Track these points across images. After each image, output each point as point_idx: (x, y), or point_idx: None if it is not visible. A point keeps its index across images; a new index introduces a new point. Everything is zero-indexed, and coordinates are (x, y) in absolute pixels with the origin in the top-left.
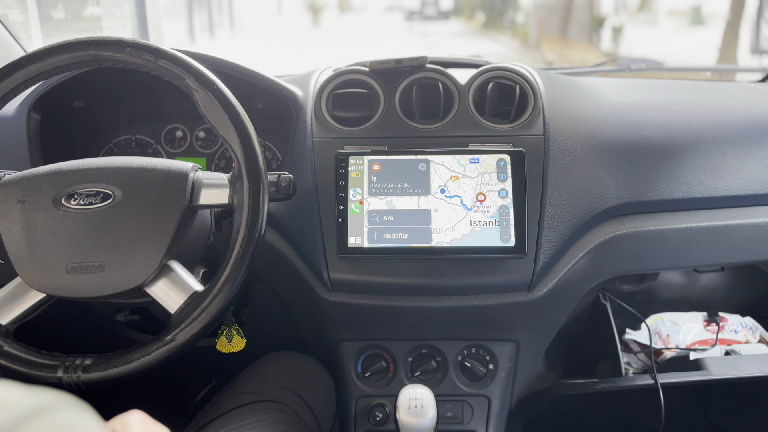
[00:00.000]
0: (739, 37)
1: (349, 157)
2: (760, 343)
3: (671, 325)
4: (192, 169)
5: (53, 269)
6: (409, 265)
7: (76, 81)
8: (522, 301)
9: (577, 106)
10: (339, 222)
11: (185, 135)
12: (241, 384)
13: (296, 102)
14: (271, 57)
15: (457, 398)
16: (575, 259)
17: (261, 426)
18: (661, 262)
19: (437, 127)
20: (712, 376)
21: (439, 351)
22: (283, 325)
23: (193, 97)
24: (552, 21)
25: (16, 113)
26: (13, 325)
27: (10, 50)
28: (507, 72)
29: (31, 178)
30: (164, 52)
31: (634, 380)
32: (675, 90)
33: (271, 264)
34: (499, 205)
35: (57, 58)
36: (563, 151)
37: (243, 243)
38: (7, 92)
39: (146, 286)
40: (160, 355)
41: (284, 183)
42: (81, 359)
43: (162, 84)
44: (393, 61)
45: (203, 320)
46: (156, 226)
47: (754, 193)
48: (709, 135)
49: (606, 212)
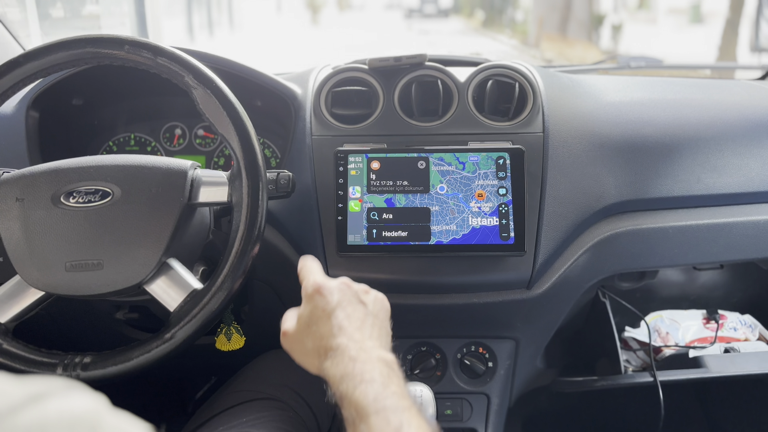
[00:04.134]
0: (739, 35)
1: (349, 154)
2: (759, 340)
3: (670, 322)
4: (191, 167)
5: (52, 267)
6: (408, 263)
7: (74, 79)
8: (521, 299)
9: (576, 104)
10: (338, 220)
11: (184, 133)
12: (240, 382)
13: (295, 100)
14: (270, 55)
15: (457, 396)
16: (574, 257)
17: (260, 423)
18: (661, 259)
19: (436, 125)
20: (711, 373)
21: (439, 349)
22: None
23: (192, 95)
24: (551, 19)
25: (14, 111)
26: (13, 323)
27: (9, 48)
28: (506, 70)
29: (30, 176)
30: (163, 50)
31: (634, 378)
32: (674, 88)
33: (270, 262)
34: (498, 202)
35: (55, 56)
36: (562, 149)
37: (242, 241)
38: (6, 90)
39: (145, 283)
40: (160, 353)
41: (283, 181)
42: (80, 357)
43: (161, 82)
44: (392, 59)
45: (202, 318)
46: (155, 224)
47: (753, 190)
48: (709, 133)
49: (605, 210)
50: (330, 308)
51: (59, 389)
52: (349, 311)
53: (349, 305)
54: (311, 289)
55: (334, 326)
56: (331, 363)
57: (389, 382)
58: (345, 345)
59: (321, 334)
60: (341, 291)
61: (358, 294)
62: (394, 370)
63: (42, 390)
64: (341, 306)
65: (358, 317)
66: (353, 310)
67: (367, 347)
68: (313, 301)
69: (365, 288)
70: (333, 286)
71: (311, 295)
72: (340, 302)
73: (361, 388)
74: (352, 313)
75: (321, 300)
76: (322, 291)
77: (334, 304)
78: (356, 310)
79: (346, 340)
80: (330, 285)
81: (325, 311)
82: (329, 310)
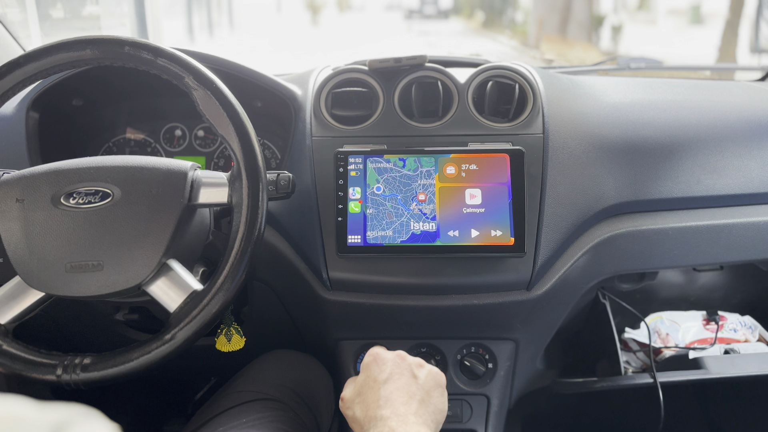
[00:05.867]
0: (739, 36)
1: (349, 156)
2: (759, 341)
3: (670, 324)
4: (191, 168)
5: (52, 268)
6: (408, 264)
7: (74, 80)
8: (521, 300)
9: (576, 105)
10: (338, 221)
11: (184, 134)
12: (240, 382)
13: (295, 101)
14: (269, 55)
15: (456, 397)
16: (574, 258)
17: (260, 424)
18: (660, 260)
19: (436, 126)
20: (711, 375)
21: (438, 350)
22: (282, 324)
23: (192, 96)
24: (551, 20)
25: (14, 112)
26: (12, 324)
27: (9, 49)
28: (506, 71)
29: (30, 177)
30: (163, 51)
31: (633, 379)
32: (674, 89)
33: (270, 263)
34: (498, 203)
35: (55, 57)
36: (562, 150)
37: (242, 242)
38: (6, 91)
39: (145, 285)
40: (160, 354)
41: (283, 182)
42: (80, 358)
43: (161, 83)
44: (392, 60)
45: (202, 319)
46: (155, 225)
47: (753, 192)
48: (709, 134)
49: (605, 211)
50: (381, 379)
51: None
52: (399, 384)
53: (400, 378)
54: (368, 358)
55: (381, 397)
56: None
57: None
58: (388, 416)
59: (368, 404)
60: (395, 363)
61: (411, 367)
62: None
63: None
64: (392, 379)
65: (407, 392)
66: (404, 384)
67: (410, 422)
68: (368, 370)
69: (420, 362)
70: (388, 358)
71: (367, 363)
72: (392, 374)
73: None
74: (402, 387)
75: (375, 370)
76: (377, 361)
77: (385, 375)
78: (407, 384)
79: (389, 413)
80: (385, 356)
81: (376, 381)
82: (380, 380)
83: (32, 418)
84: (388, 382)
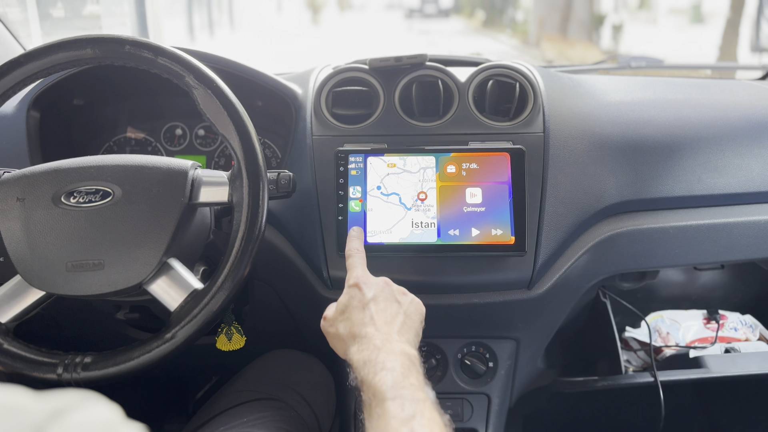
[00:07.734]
0: (739, 35)
1: (349, 155)
2: (759, 340)
3: (671, 322)
4: (191, 167)
5: (53, 267)
6: (408, 263)
7: (75, 79)
8: (522, 299)
9: (576, 104)
10: (339, 220)
11: (185, 133)
12: (241, 382)
13: (296, 100)
14: (269, 55)
15: (457, 396)
16: (575, 257)
17: (261, 423)
18: (661, 259)
19: (437, 125)
20: (712, 373)
21: (439, 349)
22: (282, 323)
23: (193, 95)
24: (552, 19)
25: (15, 111)
26: (13, 323)
27: (10, 48)
28: (507, 70)
29: (31, 176)
30: (163, 50)
31: (634, 378)
32: (675, 88)
33: (270, 262)
34: (498, 202)
35: (56, 56)
36: (563, 149)
37: (243, 241)
38: (7, 90)
39: (146, 284)
40: (160, 353)
41: (284, 181)
42: (81, 357)
43: (161, 82)
44: (393, 59)
45: (203, 318)
46: (156, 224)
47: (754, 190)
48: (709, 133)
49: (606, 210)
50: (366, 300)
51: (77, 401)
52: (382, 306)
53: (383, 301)
54: (352, 281)
55: (365, 316)
56: (357, 348)
57: (408, 373)
58: (372, 334)
59: (353, 322)
60: (379, 287)
61: (394, 293)
62: (415, 365)
63: (61, 404)
64: (376, 300)
65: (390, 313)
66: (387, 305)
67: (393, 339)
68: (351, 292)
69: (403, 290)
70: (372, 282)
71: (351, 286)
72: (375, 296)
73: (381, 375)
74: (385, 308)
75: (359, 292)
76: (361, 284)
77: (369, 297)
78: (390, 306)
79: (374, 330)
80: (369, 280)
81: (360, 302)
82: (365, 301)
83: (29, 407)
84: (372, 302)
